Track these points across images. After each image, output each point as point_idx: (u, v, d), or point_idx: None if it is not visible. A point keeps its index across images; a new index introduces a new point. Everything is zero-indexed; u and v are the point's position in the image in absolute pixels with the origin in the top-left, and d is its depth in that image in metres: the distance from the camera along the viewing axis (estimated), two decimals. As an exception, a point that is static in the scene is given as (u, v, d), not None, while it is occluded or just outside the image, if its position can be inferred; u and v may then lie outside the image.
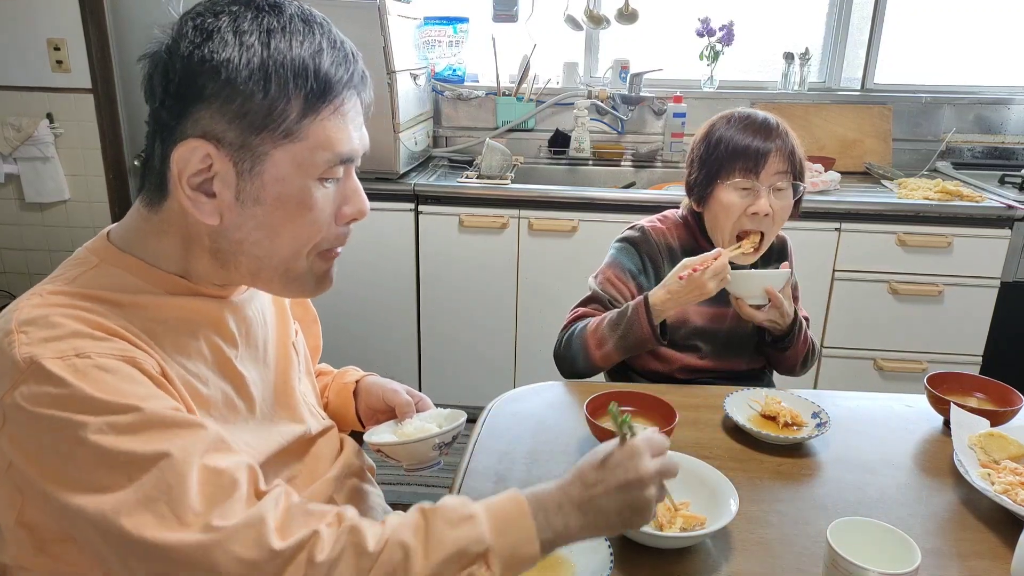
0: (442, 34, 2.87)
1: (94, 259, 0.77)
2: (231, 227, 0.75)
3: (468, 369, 2.64)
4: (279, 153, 0.72)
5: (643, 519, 0.77)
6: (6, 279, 3.05)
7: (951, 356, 2.46)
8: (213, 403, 0.79)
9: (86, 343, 0.67)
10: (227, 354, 0.82)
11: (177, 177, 0.72)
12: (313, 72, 0.72)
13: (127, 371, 0.67)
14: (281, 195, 0.74)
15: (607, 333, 1.36)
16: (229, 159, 0.72)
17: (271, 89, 0.70)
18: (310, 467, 0.93)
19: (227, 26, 0.70)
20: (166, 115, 0.72)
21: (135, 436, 0.64)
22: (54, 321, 0.67)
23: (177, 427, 0.66)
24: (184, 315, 0.78)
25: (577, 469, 0.77)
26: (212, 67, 0.69)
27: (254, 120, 0.71)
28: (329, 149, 0.74)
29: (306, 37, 0.73)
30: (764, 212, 1.35)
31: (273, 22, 0.72)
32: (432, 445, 0.96)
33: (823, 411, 1.20)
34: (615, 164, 2.91)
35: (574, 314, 1.49)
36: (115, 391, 0.65)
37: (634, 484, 0.75)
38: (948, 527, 0.98)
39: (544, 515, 0.73)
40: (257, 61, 0.70)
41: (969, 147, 2.94)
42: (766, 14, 2.96)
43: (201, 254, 0.77)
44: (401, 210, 2.46)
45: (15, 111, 2.83)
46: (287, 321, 0.97)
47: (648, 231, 1.48)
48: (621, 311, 1.36)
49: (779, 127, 1.37)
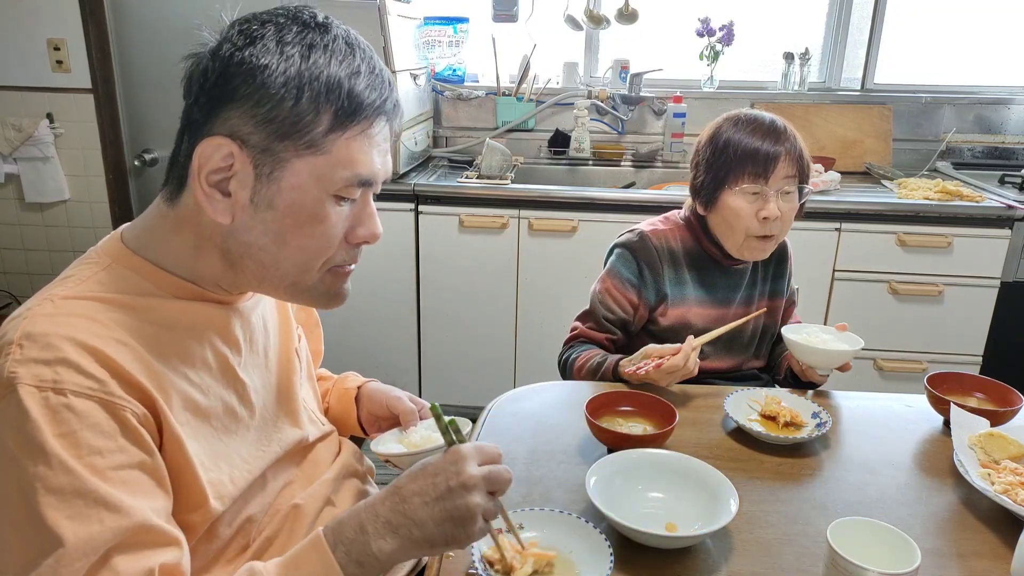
0: (442, 34, 2.87)
1: (106, 259, 0.77)
2: (241, 228, 0.75)
3: (468, 369, 2.63)
4: (300, 163, 0.73)
5: (467, 533, 0.72)
6: (6, 279, 3.05)
7: (951, 356, 2.46)
8: (213, 413, 0.79)
9: (70, 375, 0.66)
10: (231, 361, 0.82)
11: (197, 171, 0.72)
12: (347, 91, 0.73)
13: (97, 417, 0.66)
14: (294, 204, 0.74)
15: (588, 379, 1.40)
16: (250, 161, 0.72)
17: (302, 99, 0.71)
18: (307, 472, 0.93)
19: (271, 35, 0.72)
20: (198, 112, 0.73)
21: (56, 501, 0.63)
22: (51, 342, 0.67)
23: (103, 508, 0.64)
24: (190, 321, 0.78)
25: (394, 481, 0.74)
26: (248, 70, 0.71)
27: (281, 127, 0.72)
28: (350, 168, 0.75)
29: (346, 58, 0.74)
30: (775, 216, 1.35)
31: (316, 39, 0.73)
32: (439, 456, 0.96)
33: (823, 411, 1.20)
34: (615, 164, 2.91)
35: (573, 331, 1.51)
36: (71, 441, 0.64)
37: (455, 491, 0.71)
38: (948, 527, 0.98)
39: (345, 548, 0.70)
40: (293, 71, 0.71)
41: (969, 147, 2.94)
42: (766, 14, 2.96)
43: (211, 252, 0.77)
44: (401, 210, 2.46)
45: (15, 111, 2.83)
46: (290, 327, 0.97)
47: (647, 236, 1.47)
48: (599, 362, 1.38)
49: (787, 129, 1.37)
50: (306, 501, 0.89)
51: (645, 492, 0.99)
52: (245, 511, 0.82)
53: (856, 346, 1.31)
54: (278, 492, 0.87)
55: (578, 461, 1.10)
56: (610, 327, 1.47)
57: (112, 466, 0.66)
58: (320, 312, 1.10)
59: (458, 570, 0.86)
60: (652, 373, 1.26)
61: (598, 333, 1.47)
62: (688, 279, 1.47)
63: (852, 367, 1.33)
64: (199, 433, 0.77)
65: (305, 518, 0.87)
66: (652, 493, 0.99)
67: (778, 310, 1.55)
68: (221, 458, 0.78)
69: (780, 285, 1.55)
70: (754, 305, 1.52)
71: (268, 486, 0.86)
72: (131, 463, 0.68)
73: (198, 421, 0.76)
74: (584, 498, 0.95)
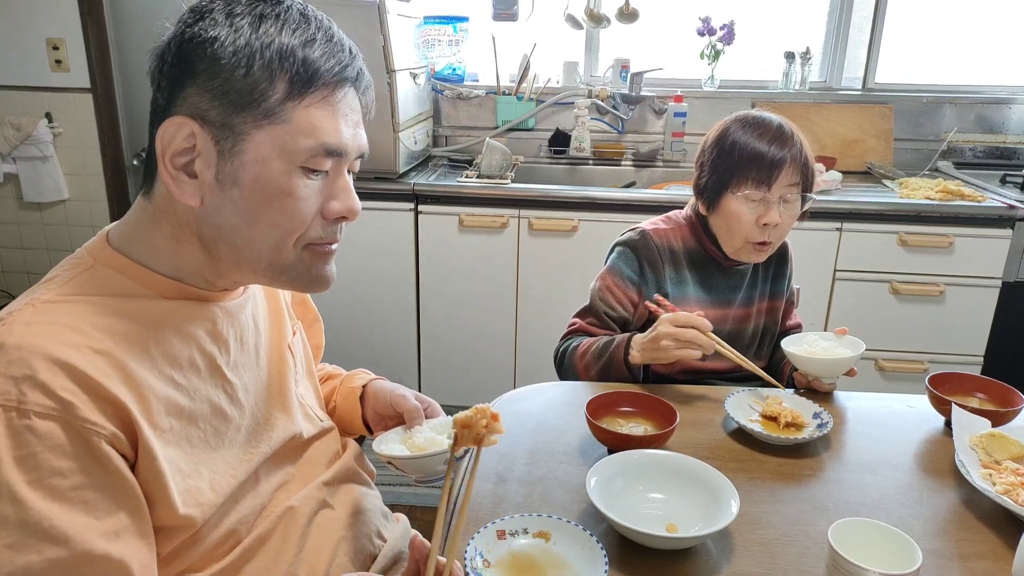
0: (442, 33, 2.87)
1: (89, 260, 0.76)
2: (211, 210, 0.74)
3: (468, 369, 2.63)
4: (260, 135, 0.72)
5: None
6: (5, 279, 3.05)
7: (952, 356, 2.45)
8: (200, 415, 0.77)
9: (35, 395, 0.64)
10: (219, 361, 0.81)
11: (161, 154, 0.72)
12: (301, 58, 0.72)
13: (59, 439, 0.64)
14: (260, 177, 0.73)
15: (592, 361, 1.39)
16: (211, 138, 0.72)
17: (254, 67, 0.71)
18: (303, 471, 0.92)
19: (220, 8, 0.72)
20: (160, 97, 0.73)
21: None
22: (22, 357, 0.65)
23: (44, 540, 0.63)
24: (176, 321, 0.77)
25: None
26: (199, 43, 0.70)
27: (236, 98, 0.71)
28: (313, 136, 0.73)
29: (300, 26, 0.73)
30: (775, 223, 1.35)
31: (267, 10, 0.73)
32: (443, 460, 0.94)
33: (824, 412, 1.20)
34: (615, 164, 2.90)
35: (571, 326, 1.50)
36: (30, 464, 0.63)
37: None
38: (949, 528, 0.98)
39: None
40: (243, 41, 0.71)
41: (970, 147, 2.93)
42: (767, 13, 2.96)
43: (190, 242, 0.76)
44: (401, 210, 2.45)
45: (14, 110, 2.83)
46: (282, 323, 0.96)
47: (648, 235, 1.47)
48: (608, 341, 1.37)
49: (794, 135, 1.36)
50: (301, 503, 0.87)
51: (646, 493, 0.99)
52: (234, 513, 0.80)
53: (858, 350, 1.30)
54: (272, 492, 0.86)
55: (578, 462, 1.10)
56: (610, 323, 1.46)
57: (73, 486, 0.65)
58: (319, 312, 1.09)
59: (457, 571, 0.86)
60: (669, 316, 1.26)
61: (598, 329, 1.47)
62: (689, 279, 1.47)
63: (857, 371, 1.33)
64: (184, 438, 0.75)
65: (299, 520, 0.86)
66: (653, 494, 0.99)
67: (778, 310, 1.55)
68: (204, 464, 0.77)
69: (780, 286, 1.54)
70: (754, 306, 1.51)
71: (260, 486, 0.84)
72: (92, 484, 0.66)
73: (183, 425, 0.75)
74: (584, 499, 0.95)
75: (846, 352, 1.31)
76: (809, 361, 1.30)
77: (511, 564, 0.85)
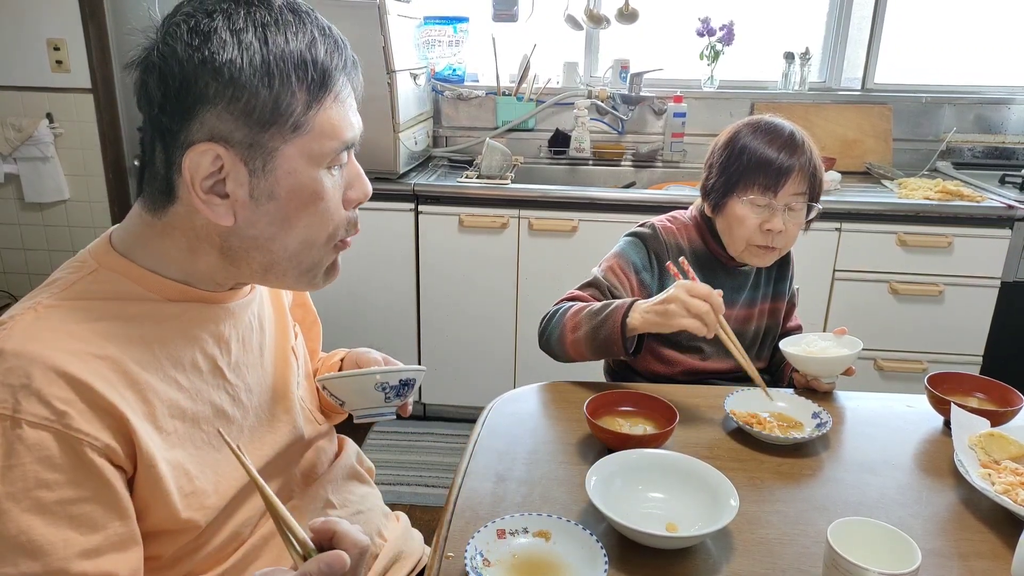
0: (442, 34, 2.87)
1: (93, 263, 0.76)
2: (245, 225, 0.74)
3: (468, 369, 2.63)
4: (289, 148, 0.73)
5: None
6: (6, 279, 3.05)
7: (951, 356, 2.46)
8: (203, 417, 0.78)
9: (30, 404, 0.64)
10: (220, 362, 0.81)
11: (190, 183, 0.71)
12: (312, 63, 0.72)
13: (51, 450, 0.64)
14: (294, 188, 0.74)
15: (585, 319, 1.31)
16: (240, 158, 0.71)
17: (275, 84, 0.71)
18: (305, 472, 0.93)
19: (223, 26, 0.70)
20: (167, 120, 0.71)
21: None
22: (20, 364, 0.65)
23: (21, 554, 0.63)
24: (179, 323, 0.77)
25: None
26: (214, 68, 0.69)
27: (262, 116, 0.71)
28: (335, 137, 0.75)
29: (298, 28, 0.73)
30: (778, 230, 1.35)
31: (266, 16, 0.72)
32: (375, 383, 0.91)
33: (823, 411, 1.20)
34: (615, 164, 2.91)
35: (569, 295, 1.46)
36: (17, 474, 0.63)
37: None
38: (949, 527, 0.98)
39: None
40: (259, 59, 0.70)
41: (969, 147, 2.93)
42: (766, 14, 2.96)
43: (208, 252, 0.76)
44: (401, 210, 2.46)
45: (15, 111, 2.83)
46: (286, 325, 0.96)
47: (659, 229, 1.47)
48: (608, 303, 1.31)
49: (804, 144, 1.36)
50: (304, 502, 0.88)
51: (645, 492, 0.99)
52: (237, 515, 0.80)
53: (855, 349, 1.30)
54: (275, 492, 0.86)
55: (578, 461, 1.10)
56: (612, 298, 1.43)
57: (58, 500, 0.65)
58: (319, 311, 1.09)
59: (458, 569, 0.86)
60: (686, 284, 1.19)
61: (599, 300, 1.42)
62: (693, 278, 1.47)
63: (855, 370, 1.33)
64: (188, 440, 0.75)
65: (303, 519, 0.87)
66: (652, 493, 0.99)
67: (780, 311, 1.55)
68: (208, 465, 0.77)
69: (782, 287, 1.55)
70: (757, 306, 1.52)
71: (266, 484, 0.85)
72: (81, 497, 0.66)
73: (187, 427, 0.75)
74: (584, 498, 0.95)
75: (843, 351, 1.31)
76: (806, 360, 1.31)
77: (511, 563, 0.85)
